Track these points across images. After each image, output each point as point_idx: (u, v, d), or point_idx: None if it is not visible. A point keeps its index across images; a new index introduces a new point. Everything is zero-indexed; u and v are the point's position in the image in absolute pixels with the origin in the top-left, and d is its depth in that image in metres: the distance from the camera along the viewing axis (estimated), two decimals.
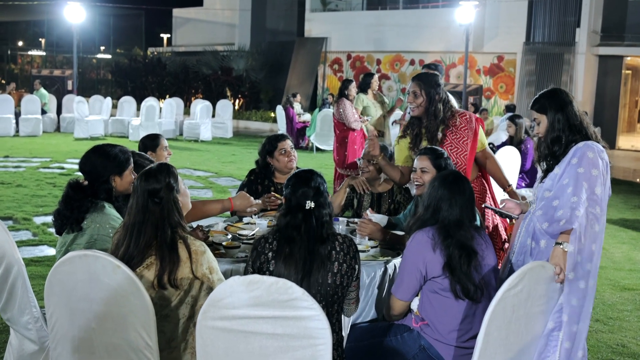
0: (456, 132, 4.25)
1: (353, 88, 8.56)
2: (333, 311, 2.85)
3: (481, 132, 4.39)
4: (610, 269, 6.46)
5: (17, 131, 16.71)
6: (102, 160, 3.30)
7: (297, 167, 4.59)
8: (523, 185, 7.68)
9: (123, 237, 2.77)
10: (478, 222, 3.55)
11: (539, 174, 3.35)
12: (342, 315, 3.09)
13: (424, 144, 4.26)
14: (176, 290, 2.71)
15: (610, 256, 6.96)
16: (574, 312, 3.03)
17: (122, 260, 2.66)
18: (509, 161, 7.08)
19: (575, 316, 3.03)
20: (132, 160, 3.41)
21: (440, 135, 4.23)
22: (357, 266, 2.88)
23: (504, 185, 4.53)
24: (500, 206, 3.53)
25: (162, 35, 35.27)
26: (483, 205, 3.73)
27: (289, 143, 4.57)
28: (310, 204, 2.81)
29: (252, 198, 3.71)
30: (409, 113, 4.39)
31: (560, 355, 2.98)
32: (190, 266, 2.72)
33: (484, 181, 4.55)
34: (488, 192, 4.57)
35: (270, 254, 2.81)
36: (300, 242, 2.78)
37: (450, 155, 4.19)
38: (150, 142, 4.61)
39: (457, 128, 4.25)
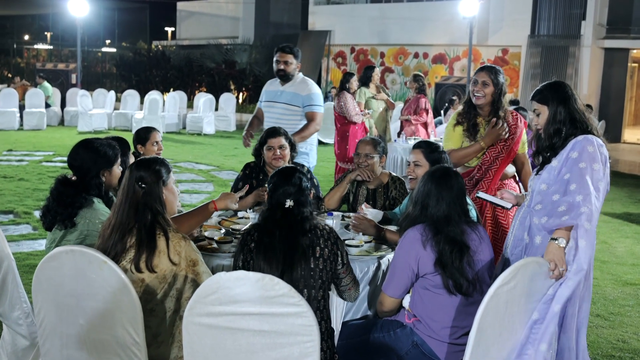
0: (508, 127, 4.27)
1: (354, 81, 8.52)
2: (319, 297, 2.85)
3: (524, 135, 4.39)
4: (612, 264, 6.40)
5: (21, 125, 16.73)
6: (92, 155, 3.29)
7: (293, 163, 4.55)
8: None
9: (109, 218, 2.81)
10: (475, 217, 3.51)
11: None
12: (334, 311, 3.07)
13: (482, 132, 4.28)
14: (152, 275, 2.68)
15: (612, 250, 6.90)
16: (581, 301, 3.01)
17: (107, 241, 2.71)
18: None
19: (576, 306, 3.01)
20: (119, 154, 3.41)
21: None
22: (339, 252, 2.90)
23: None
24: (498, 195, 3.49)
25: (166, 28, 35.25)
26: (476, 195, 3.70)
27: (279, 141, 4.40)
28: (289, 203, 2.86)
29: (234, 194, 3.55)
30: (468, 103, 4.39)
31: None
32: (168, 255, 2.70)
33: (519, 182, 4.51)
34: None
35: (252, 244, 2.84)
36: (280, 236, 2.80)
37: (497, 148, 4.19)
38: (143, 134, 4.64)
39: (508, 124, 4.28)
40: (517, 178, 4.54)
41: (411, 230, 3.00)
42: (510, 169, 4.41)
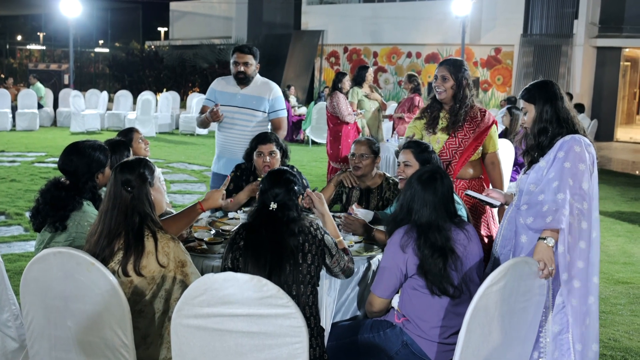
0: (471, 121, 4.28)
1: (347, 81, 8.50)
2: (308, 292, 2.85)
3: (495, 134, 4.36)
4: (604, 262, 6.40)
5: (14, 125, 16.67)
6: (86, 160, 3.29)
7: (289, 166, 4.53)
8: (517, 178, 7.62)
9: (96, 224, 2.79)
10: (465, 216, 3.50)
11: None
12: (323, 312, 3.07)
13: (441, 126, 4.29)
14: (140, 277, 2.67)
15: (605, 249, 6.90)
16: (576, 312, 2.99)
17: (95, 246, 2.69)
18: (503, 154, 7.00)
19: (579, 316, 3.00)
20: (109, 154, 3.41)
21: (461, 121, 4.25)
22: (325, 248, 2.92)
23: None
24: (485, 194, 3.50)
25: (159, 28, 35.21)
26: (465, 193, 3.69)
27: (269, 147, 4.28)
28: (273, 206, 2.89)
29: (219, 190, 3.45)
30: (429, 99, 4.40)
31: (575, 357, 2.96)
32: (156, 256, 2.69)
33: (484, 184, 4.49)
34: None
35: (242, 243, 2.85)
36: (267, 235, 2.82)
37: (455, 141, 4.18)
38: (125, 137, 4.60)
39: (472, 118, 4.28)
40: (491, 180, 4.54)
41: (399, 231, 2.99)
42: (467, 171, 4.38)
